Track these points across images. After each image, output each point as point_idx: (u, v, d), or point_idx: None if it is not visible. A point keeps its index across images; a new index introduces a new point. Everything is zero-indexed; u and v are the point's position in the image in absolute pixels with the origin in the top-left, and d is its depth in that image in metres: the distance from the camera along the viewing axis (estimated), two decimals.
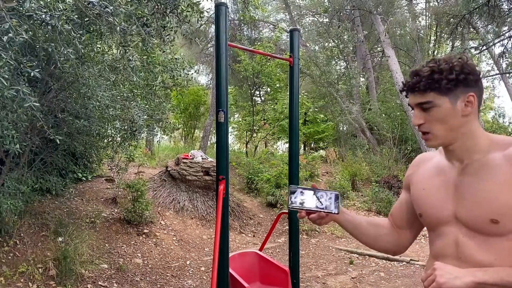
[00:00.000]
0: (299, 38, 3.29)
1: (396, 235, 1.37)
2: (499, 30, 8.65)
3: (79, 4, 2.56)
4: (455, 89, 1.08)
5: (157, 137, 6.72)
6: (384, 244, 1.37)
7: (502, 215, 1.04)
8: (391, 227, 1.39)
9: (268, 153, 11.92)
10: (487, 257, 1.07)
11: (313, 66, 13.06)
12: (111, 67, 3.56)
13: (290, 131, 3.41)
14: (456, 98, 1.08)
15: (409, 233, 1.36)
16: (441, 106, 1.09)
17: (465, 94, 1.08)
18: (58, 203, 5.36)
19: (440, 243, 1.20)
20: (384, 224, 1.39)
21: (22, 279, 3.83)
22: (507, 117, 20.90)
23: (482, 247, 1.09)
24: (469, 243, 1.11)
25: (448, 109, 1.08)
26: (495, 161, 1.08)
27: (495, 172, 1.07)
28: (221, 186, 2.77)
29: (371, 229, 1.36)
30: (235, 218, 6.89)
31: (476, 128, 1.12)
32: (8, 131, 2.62)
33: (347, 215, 1.33)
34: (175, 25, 3.42)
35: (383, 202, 7.33)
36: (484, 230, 1.08)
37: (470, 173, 1.13)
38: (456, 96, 1.08)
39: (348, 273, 4.96)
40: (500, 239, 1.06)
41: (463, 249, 1.13)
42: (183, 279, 4.67)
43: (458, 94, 1.08)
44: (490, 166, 1.09)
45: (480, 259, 1.08)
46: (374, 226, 1.37)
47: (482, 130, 1.13)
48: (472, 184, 1.12)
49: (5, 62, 2.15)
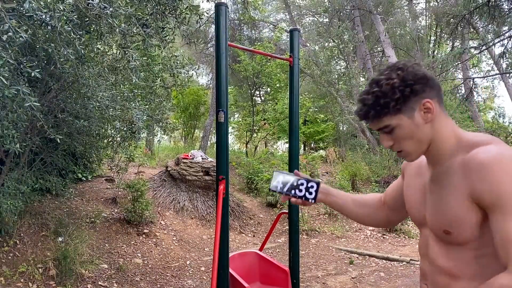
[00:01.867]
0: (299, 38, 3.29)
1: (384, 213, 1.39)
2: (499, 30, 8.65)
3: (79, 5, 2.56)
4: (406, 104, 1.04)
5: (157, 137, 6.72)
6: (373, 222, 1.42)
7: (453, 227, 1.03)
8: (380, 206, 1.40)
9: (268, 153, 11.92)
10: (447, 263, 1.08)
11: (313, 66, 13.07)
12: (111, 67, 3.56)
13: (290, 131, 3.41)
14: (412, 111, 1.04)
15: (399, 214, 1.37)
16: (400, 125, 1.05)
17: (419, 103, 1.04)
18: (58, 203, 5.36)
19: (420, 241, 1.23)
20: (372, 203, 1.40)
21: (22, 279, 3.84)
22: (507, 117, 20.86)
23: (443, 253, 1.09)
24: (435, 248, 1.12)
25: (408, 124, 1.05)
26: (453, 168, 1.04)
27: (451, 180, 1.04)
28: (221, 186, 2.77)
29: (359, 210, 1.38)
30: (235, 218, 6.89)
31: (444, 131, 1.08)
32: (8, 131, 2.62)
33: (333, 197, 1.35)
34: (174, 26, 3.42)
35: None
36: (442, 238, 1.09)
37: (434, 181, 1.12)
38: (411, 108, 1.04)
39: (348, 273, 4.96)
40: (459, 247, 1.05)
41: (430, 251, 1.15)
42: (183, 279, 4.67)
43: (412, 106, 1.04)
44: (449, 174, 1.06)
45: (441, 264, 1.10)
46: (361, 206, 1.38)
47: (452, 129, 1.09)
48: (433, 193, 1.11)
49: (5, 61, 2.15)
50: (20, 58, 2.63)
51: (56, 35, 2.42)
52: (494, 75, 14.11)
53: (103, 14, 2.56)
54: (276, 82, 12.12)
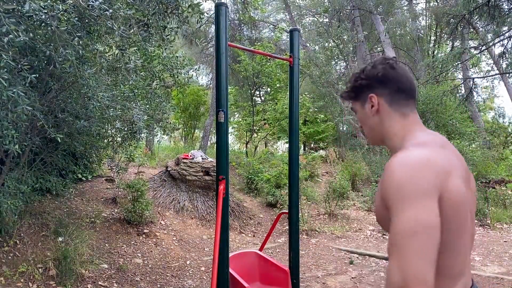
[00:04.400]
0: (299, 38, 3.29)
1: None
2: (499, 30, 8.65)
3: (79, 6, 2.56)
4: (359, 94, 1.24)
5: (157, 137, 6.72)
6: None
7: (380, 224, 1.13)
8: None
9: (268, 153, 11.92)
10: None
11: (313, 66, 13.06)
12: (111, 67, 3.56)
13: (290, 131, 3.41)
14: (364, 102, 1.24)
15: None
16: (357, 110, 1.28)
17: (367, 96, 1.22)
18: (58, 203, 5.36)
19: None
20: None
21: (22, 279, 3.84)
22: (507, 117, 20.87)
23: None
24: None
25: (361, 111, 1.26)
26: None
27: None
28: (221, 186, 2.77)
29: None
30: (235, 218, 6.89)
31: (391, 129, 1.19)
32: (8, 131, 2.62)
33: None
34: (175, 25, 3.43)
35: None
36: None
37: None
38: (364, 99, 1.24)
39: (348, 273, 4.96)
40: None
41: None
42: (183, 279, 4.67)
43: (364, 97, 1.23)
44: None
45: None
46: None
47: (401, 129, 1.17)
48: None
49: (5, 63, 2.15)
50: (20, 59, 2.62)
51: (55, 36, 2.42)
52: (494, 75, 14.11)
53: (102, 15, 2.56)
54: (276, 82, 12.13)
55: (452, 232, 1.00)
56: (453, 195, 0.98)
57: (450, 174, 0.99)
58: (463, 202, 1.01)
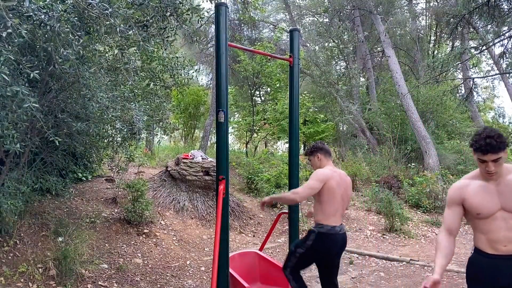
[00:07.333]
0: (299, 38, 3.29)
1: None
2: (499, 30, 8.65)
3: (79, 5, 2.56)
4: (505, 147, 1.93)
5: (157, 137, 6.72)
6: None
7: None
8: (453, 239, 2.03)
9: (268, 153, 11.92)
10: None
11: (313, 66, 13.06)
12: (111, 67, 3.56)
13: (290, 131, 3.41)
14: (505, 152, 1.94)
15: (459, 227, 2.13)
16: (503, 158, 1.92)
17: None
18: (58, 203, 5.36)
19: (492, 225, 2.03)
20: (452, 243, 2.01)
21: (22, 279, 3.84)
22: (507, 117, 20.87)
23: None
24: (510, 221, 2.00)
25: (503, 158, 1.90)
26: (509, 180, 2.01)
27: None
28: (221, 186, 2.77)
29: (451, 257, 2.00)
30: (235, 218, 6.89)
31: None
32: (8, 131, 2.62)
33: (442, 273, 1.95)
34: (175, 26, 3.42)
35: (383, 202, 7.32)
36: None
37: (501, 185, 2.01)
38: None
39: (348, 273, 4.96)
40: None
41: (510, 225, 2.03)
42: (183, 279, 4.67)
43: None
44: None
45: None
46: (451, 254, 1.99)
47: None
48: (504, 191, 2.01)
49: (6, 58, 2.15)
50: (20, 58, 2.62)
51: (55, 36, 2.42)
52: (494, 75, 14.12)
53: (102, 15, 2.56)
54: (276, 82, 12.12)
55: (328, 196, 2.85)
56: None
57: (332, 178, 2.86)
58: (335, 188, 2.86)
